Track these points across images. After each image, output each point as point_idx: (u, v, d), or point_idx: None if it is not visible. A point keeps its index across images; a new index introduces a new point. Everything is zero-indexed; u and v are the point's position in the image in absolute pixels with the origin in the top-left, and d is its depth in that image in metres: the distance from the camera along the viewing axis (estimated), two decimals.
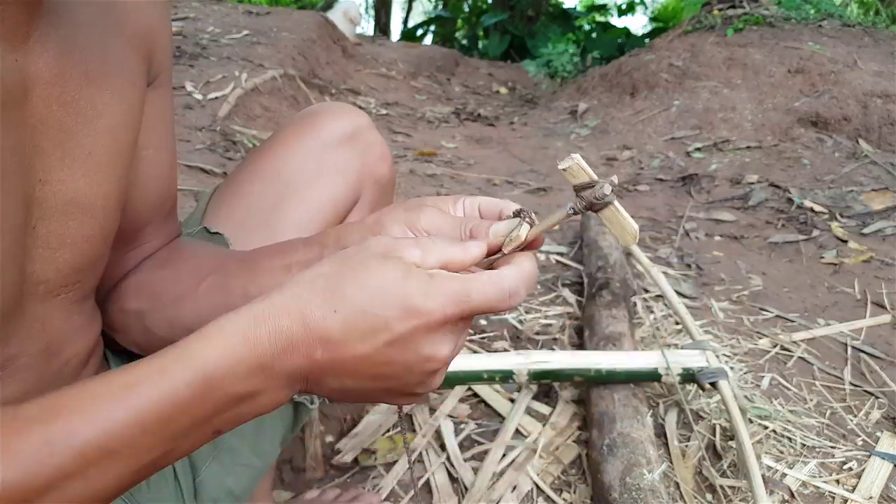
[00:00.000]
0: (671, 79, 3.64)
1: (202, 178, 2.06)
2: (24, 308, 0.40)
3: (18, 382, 0.41)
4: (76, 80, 0.40)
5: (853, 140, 2.81)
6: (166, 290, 0.52)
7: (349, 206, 0.65)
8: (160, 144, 0.51)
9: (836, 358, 1.29)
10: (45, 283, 0.41)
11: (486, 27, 9.14)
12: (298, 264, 0.47)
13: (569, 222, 2.08)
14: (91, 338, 0.49)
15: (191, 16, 4.10)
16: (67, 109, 0.39)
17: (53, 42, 0.38)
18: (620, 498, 0.79)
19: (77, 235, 0.41)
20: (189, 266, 0.53)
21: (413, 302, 0.34)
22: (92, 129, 0.41)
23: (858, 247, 1.87)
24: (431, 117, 4.07)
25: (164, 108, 0.52)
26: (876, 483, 0.93)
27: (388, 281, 0.35)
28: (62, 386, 0.44)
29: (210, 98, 2.79)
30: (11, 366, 0.40)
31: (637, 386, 1.02)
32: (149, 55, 0.48)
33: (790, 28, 3.72)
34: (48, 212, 0.39)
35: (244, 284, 0.48)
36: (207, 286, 0.50)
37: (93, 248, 0.43)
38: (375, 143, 0.67)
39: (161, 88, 0.51)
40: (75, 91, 0.40)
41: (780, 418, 1.07)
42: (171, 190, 0.55)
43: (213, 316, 0.47)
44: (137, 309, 0.52)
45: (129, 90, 0.45)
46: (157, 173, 0.51)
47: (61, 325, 0.44)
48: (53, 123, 0.39)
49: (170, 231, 0.57)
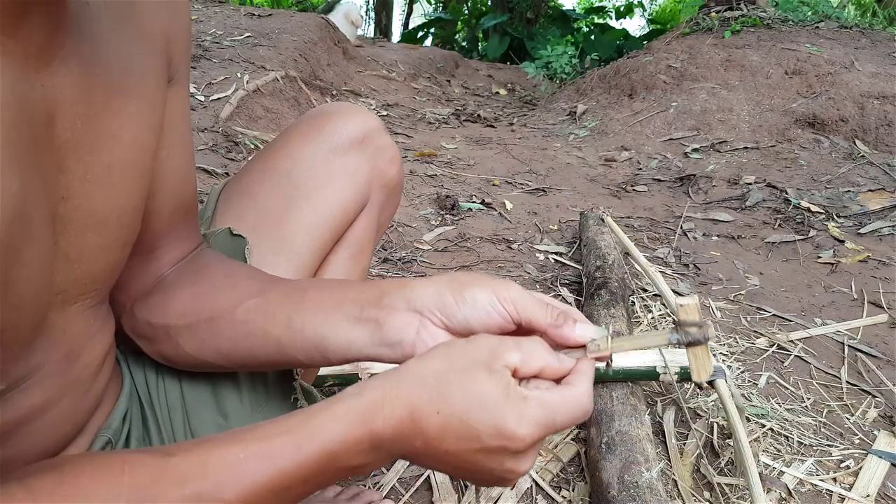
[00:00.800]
0: (669, 80, 3.65)
1: (205, 178, 2.07)
2: (47, 318, 0.40)
3: (43, 389, 0.41)
4: (100, 94, 0.39)
5: (850, 141, 2.82)
6: (199, 308, 0.51)
7: (358, 210, 0.65)
8: (176, 143, 0.50)
9: (833, 357, 1.30)
10: (63, 293, 0.41)
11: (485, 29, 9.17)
12: (352, 303, 0.47)
13: (568, 224, 2.09)
14: (107, 341, 0.49)
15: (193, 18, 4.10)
16: (91, 126, 0.38)
17: (77, 59, 0.37)
18: (619, 495, 0.80)
19: (95, 247, 0.41)
20: (225, 286, 0.52)
21: (506, 425, 0.39)
22: (115, 142, 0.41)
23: (855, 247, 1.89)
24: (431, 118, 4.08)
25: (180, 107, 0.50)
26: (873, 481, 0.94)
27: (488, 397, 0.39)
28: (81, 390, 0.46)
29: (212, 99, 2.80)
30: (36, 374, 0.41)
31: (635, 384, 1.03)
32: (169, 54, 0.47)
33: (787, 30, 3.73)
34: (68, 227, 0.39)
35: (289, 314, 0.48)
36: (246, 311, 0.49)
37: (110, 258, 0.43)
38: (385, 146, 0.66)
39: (178, 86, 0.50)
40: (99, 105, 0.39)
41: (777, 417, 1.08)
42: (189, 190, 0.53)
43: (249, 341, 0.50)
44: (166, 324, 0.51)
45: (152, 94, 0.44)
46: (173, 172, 0.50)
47: (80, 331, 0.44)
48: (77, 141, 0.38)
49: (191, 237, 0.56)
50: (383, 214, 0.70)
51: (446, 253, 1.81)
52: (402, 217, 2.06)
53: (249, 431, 0.37)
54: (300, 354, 0.49)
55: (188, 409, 0.56)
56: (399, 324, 0.46)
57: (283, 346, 0.48)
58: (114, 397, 0.53)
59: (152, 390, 0.57)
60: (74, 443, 0.48)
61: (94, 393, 0.48)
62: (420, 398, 0.39)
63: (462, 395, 0.39)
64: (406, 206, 2.20)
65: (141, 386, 0.57)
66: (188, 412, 0.56)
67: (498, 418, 0.39)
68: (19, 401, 0.40)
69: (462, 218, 2.11)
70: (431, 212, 2.15)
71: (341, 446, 0.37)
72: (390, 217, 0.74)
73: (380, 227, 0.71)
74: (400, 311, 0.46)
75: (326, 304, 0.48)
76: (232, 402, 0.57)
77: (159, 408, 0.56)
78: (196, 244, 0.57)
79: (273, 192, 0.62)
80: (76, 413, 0.46)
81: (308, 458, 0.36)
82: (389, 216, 0.74)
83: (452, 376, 0.39)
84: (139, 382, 0.57)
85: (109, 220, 0.42)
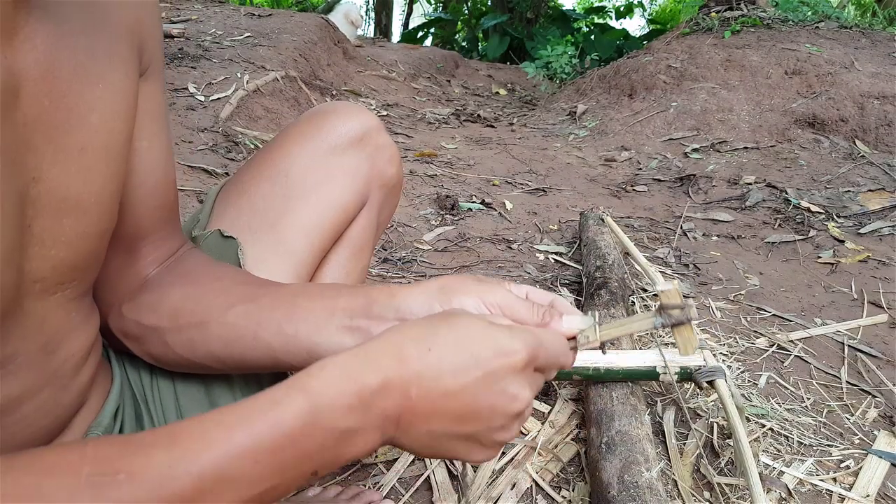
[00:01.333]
0: (669, 80, 3.65)
1: (204, 178, 2.07)
2: (22, 306, 0.40)
3: (18, 380, 0.41)
4: (66, 74, 0.39)
5: (850, 141, 2.82)
6: (188, 310, 0.51)
7: (357, 210, 0.64)
8: (154, 136, 0.50)
9: (833, 357, 1.30)
10: (41, 282, 0.41)
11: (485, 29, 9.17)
12: (343, 311, 0.47)
13: (568, 224, 2.09)
14: (89, 335, 0.48)
15: (193, 18, 4.11)
16: (58, 105, 0.39)
17: (42, 37, 0.37)
18: (619, 495, 0.80)
19: (72, 233, 0.41)
20: (215, 289, 0.52)
21: (500, 342, 0.39)
22: (84, 124, 0.41)
23: (855, 247, 1.89)
24: (431, 118, 4.08)
25: (156, 100, 0.51)
26: (873, 481, 0.94)
27: (475, 327, 0.39)
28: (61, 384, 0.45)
29: (212, 99, 2.80)
30: (10, 364, 0.40)
31: (635, 384, 1.03)
32: (139, 46, 0.47)
33: (787, 30, 3.73)
34: (42, 210, 0.39)
35: (279, 320, 0.48)
36: (237, 315, 0.49)
37: (88, 246, 0.43)
38: (384, 145, 0.66)
39: (152, 79, 0.50)
40: (66, 86, 0.39)
41: (777, 417, 1.08)
42: (169, 187, 0.53)
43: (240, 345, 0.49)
44: (156, 325, 0.51)
45: (122, 82, 0.44)
46: (152, 166, 0.50)
47: (59, 322, 0.44)
48: (45, 120, 0.38)
49: (174, 235, 0.56)
50: (383, 213, 0.70)
51: (446, 253, 1.80)
52: (402, 217, 2.06)
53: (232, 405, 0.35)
54: (292, 359, 0.49)
55: (182, 408, 0.56)
56: None
57: (275, 351, 0.48)
58: (103, 394, 0.52)
59: (147, 389, 0.57)
60: (60, 439, 0.48)
61: (77, 388, 0.48)
62: (407, 342, 0.38)
63: (449, 329, 0.39)
64: (406, 206, 2.20)
65: (136, 383, 0.57)
66: (182, 412, 0.56)
67: (490, 337, 0.39)
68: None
69: (462, 218, 2.11)
70: (431, 212, 2.15)
71: (323, 398, 0.34)
72: (390, 216, 0.74)
73: (379, 226, 0.71)
74: (388, 322, 0.46)
75: (318, 312, 0.48)
76: (226, 402, 0.57)
77: (154, 406, 0.56)
78: (180, 244, 0.57)
79: (271, 191, 0.62)
80: (56, 407, 0.46)
81: (286, 417, 0.33)
82: (389, 215, 0.74)
83: (437, 321, 0.40)
84: (134, 380, 0.57)
85: (86, 204, 0.41)
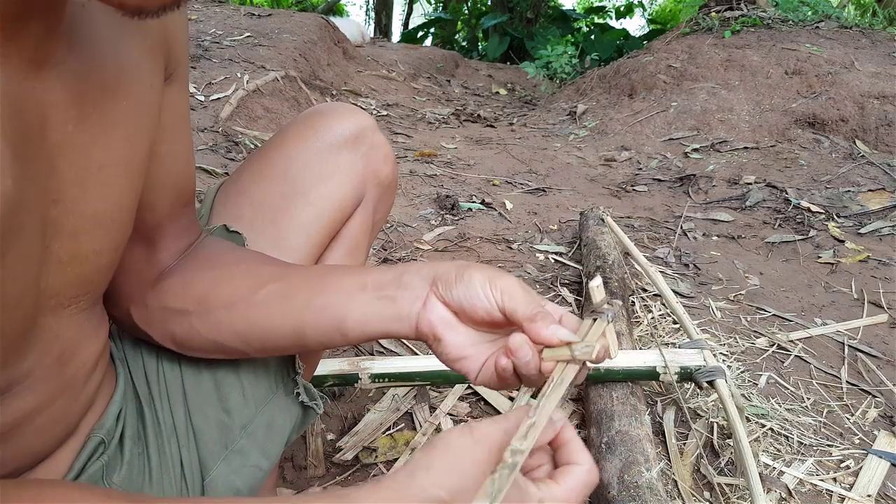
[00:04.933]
0: (669, 80, 3.65)
1: (205, 178, 2.07)
2: (37, 322, 0.40)
3: (34, 393, 0.41)
4: (92, 97, 0.39)
5: (850, 141, 2.82)
6: (216, 292, 0.52)
7: (353, 208, 0.65)
8: (175, 140, 0.51)
9: (834, 357, 1.29)
10: (56, 297, 0.41)
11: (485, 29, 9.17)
12: (373, 284, 0.49)
13: (568, 224, 2.09)
14: (100, 342, 0.49)
15: (193, 18, 4.11)
16: (82, 127, 0.38)
17: (70, 65, 0.37)
18: (619, 496, 0.80)
19: (88, 249, 0.41)
20: (240, 271, 0.53)
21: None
22: (106, 142, 0.40)
23: (855, 247, 1.89)
24: (431, 118, 4.08)
25: (179, 104, 0.51)
26: (873, 481, 0.94)
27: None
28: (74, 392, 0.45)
29: (212, 99, 2.80)
30: (28, 379, 0.40)
31: (635, 384, 1.03)
32: (166, 53, 0.47)
33: (787, 30, 3.73)
34: (60, 230, 0.38)
35: (308, 297, 0.50)
36: (267, 294, 0.51)
37: (103, 260, 0.43)
38: (379, 144, 0.67)
39: (177, 83, 0.50)
40: (91, 108, 0.39)
41: (777, 417, 1.08)
42: (188, 182, 0.54)
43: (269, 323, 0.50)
44: (182, 308, 0.52)
45: (147, 94, 0.44)
46: (172, 170, 0.51)
47: (73, 333, 0.44)
48: (68, 144, 0.37)
49: (192, 227, 0.57)
50: (378, 212, 0.71)
51: (446, 253, 1.81)
52: (402, 217, 2.06)
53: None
54: (319, 334, 0.50)
55: (190, 404, 0.57)
56: (410, 297, 0.48)
57: (304, 324, 0.50)
58: (107, 397, 0.53)
59: (153, 386, 0.57)
60: (66, 444, 0.48)
61: (87, 394, 0.48)
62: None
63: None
64: (406, 206, 2.20)
65: (140, 382, 0.57)
66: (190, 407, 0.57)
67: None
68: (11, 405, 0.40)
69: (462, 218, 2.11)
70: (431, 212, 2.15)
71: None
72: (385, 215, 0.75)
73: (375, 225, 0.71)
74: (413, 287, 0.48)
75: (347, 286, 0.50)
76: (235, 398, 0.58)
77: (160, 404, 0.56)
78: (197, 234, 0.58)
79: (269, 190, 0.63)
80: (68, 415, 0.46)
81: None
82: (384, 214, 0.74)
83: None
84: (138, 379, 0.57)
85: (102, 220, 0.41)
